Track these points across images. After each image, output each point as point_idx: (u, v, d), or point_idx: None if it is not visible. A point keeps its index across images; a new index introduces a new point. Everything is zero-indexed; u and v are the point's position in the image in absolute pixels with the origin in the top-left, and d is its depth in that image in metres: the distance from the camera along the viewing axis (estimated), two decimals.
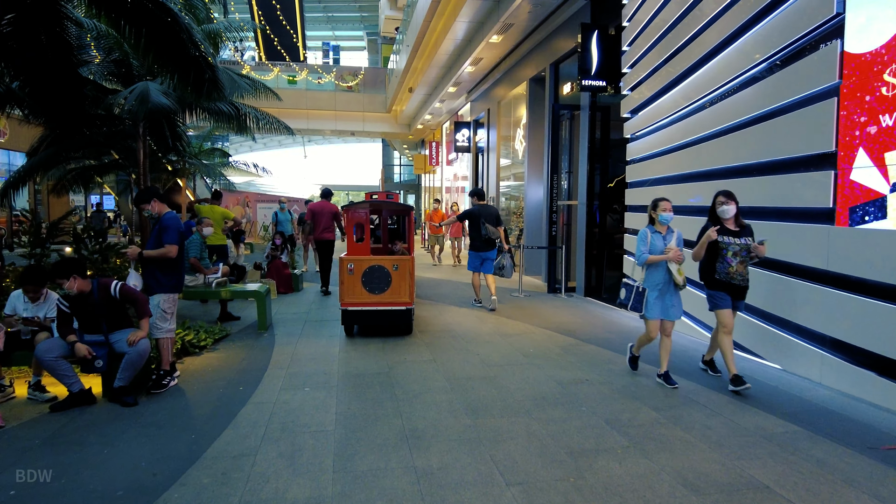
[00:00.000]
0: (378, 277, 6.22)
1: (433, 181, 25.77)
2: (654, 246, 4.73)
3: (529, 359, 5.50)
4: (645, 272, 4.79)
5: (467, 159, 18.29)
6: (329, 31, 43.89)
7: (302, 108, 24.71)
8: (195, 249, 6.88)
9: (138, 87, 7.75)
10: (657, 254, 4.70)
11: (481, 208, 7.95)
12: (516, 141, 13.92)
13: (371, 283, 6.22)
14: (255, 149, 63.77)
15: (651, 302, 4.72)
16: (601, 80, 8.62)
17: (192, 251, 6.87)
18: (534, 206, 12.28)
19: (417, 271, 12.44)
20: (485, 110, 16.05)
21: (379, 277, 6.22)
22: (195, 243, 6.91)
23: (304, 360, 5.43)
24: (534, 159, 12.25)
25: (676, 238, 4.78)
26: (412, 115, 23.16)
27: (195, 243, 6.91)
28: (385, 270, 6.23)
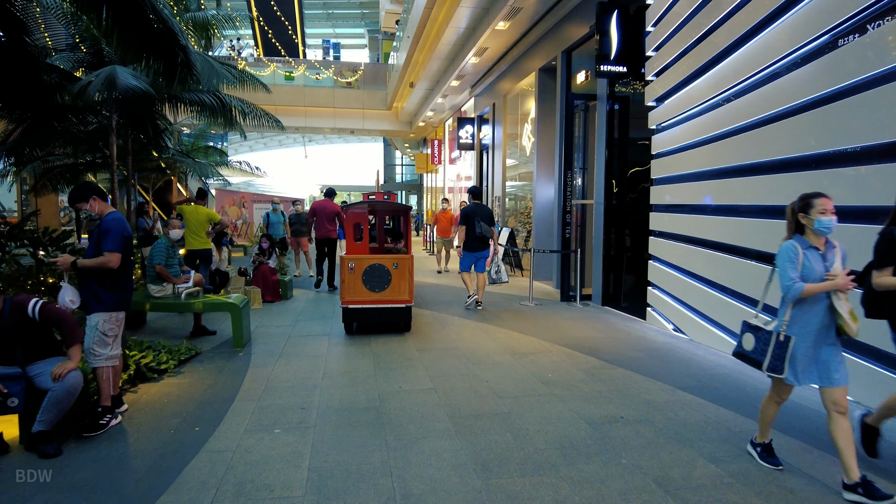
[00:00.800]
0: (378, 276, 6.31)
1: (435, 181, 24.90)
2: (808, 270, 3.03)
3: (549, 387, 4.62)
4: (792, 311, 3.12)
5: (471, 158, 17.42)
6: (329, 29, 43.07)
7: (299, 106, 23.87)
8: (160, 255, 6.02)
9: (105, 71, 6.90)
10: (815, 281, 3.00)
11: (477, 207, 7.99)
12: (523, 137, 13.04)
13: (371, 282, 6.30)
14: (256, 149, 63.08)
15: (799, 357, 3.05)
16: (621, 66, 7.74)
17: (156, 257, 6.01)
18: (543, 205, 11.39)
19: (420, 277, 11.57)
20: (489, 105, 15.18)
21: (379, 276, 6.31)
22: (160, 248, 6.05)
23: (280, 389, 4.56)
24: (543, 155, 11.37)
25: (842, 256, 3.08)
26: (413, 111, 22.30)
27: (160, 248, 6.05)
28: (385, 269, 6.32)
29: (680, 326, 6.64)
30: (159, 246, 6.07)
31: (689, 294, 6.46)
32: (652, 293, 7.22)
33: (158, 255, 6.02)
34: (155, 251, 6.05)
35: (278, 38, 28.94)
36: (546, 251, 9.68)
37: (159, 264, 6.00)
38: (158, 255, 6.02)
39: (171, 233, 6.20)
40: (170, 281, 6.09)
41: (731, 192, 5.77)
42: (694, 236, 6.38)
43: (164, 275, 6.02)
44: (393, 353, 5.67)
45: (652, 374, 4.99)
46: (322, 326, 6.93)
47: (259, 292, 8.30)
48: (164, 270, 6.01)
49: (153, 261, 6.01)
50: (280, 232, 12.35)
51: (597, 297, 8.68)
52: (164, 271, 6.00)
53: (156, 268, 5.99)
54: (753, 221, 5.47)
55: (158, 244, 6.09)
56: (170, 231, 6.21)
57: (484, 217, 7.94)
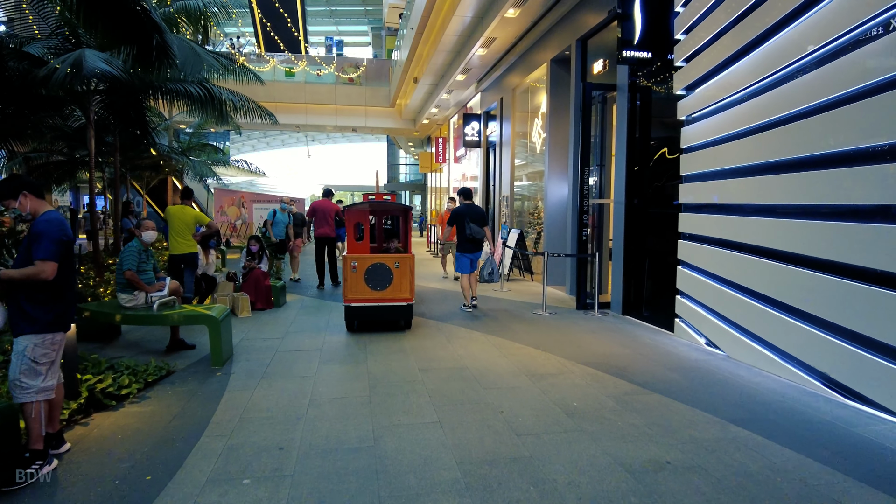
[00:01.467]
0: (380, 274, 6.40)
1: (440, 180, 24.19)
2: None
3: (575, 419, 3.90)
4: None
5: (477, 156, 16.71)
6: (332, 27, 42.45)
7: (300, 103, 23.21)
8: (131, 259, 5.34)
9: (73, 54, 6.22)
10: None
11: (467, 208, 7.92)
12: (533, 133, 12.32)
13: (373, 280, 6.39)
14: (259, 148, 62.62)
15: None
16: (645, 51, 7.01)
17: (126, 261, 5.33)
18: (556, 205, 10.67)
19: (423, 282, 10.88)
20: (497, 100, 14.46)
21: (381, 274, 6.40)
22: (131, 252, 5.37)
23: (257, 421, 3.87)
24: (556, 152, 10.64)
25: None
26: (417, 108, 21.60)
27: (131, 252, 5.37)
28: (387, 268, 6.41)
29: (714, 341, 5.92)
30: (130, 249, 5.39)
31: (724, 304, 5.74)
32: (681, 303, 6.49)
33: (129, 260, 5.34)
34: (125, 255, 5.36)
35: (280, 35, 28.30)
36: (561, 255, 8.96)
37: (129, 270, 5.32)
38: (129, 260, 5.34)
39: (143, 235, 5.53)
40: (142, 289, 5.40)
41: (774, 190, 5.05)
42: (731, 239, 5.65)
43: (136, 282, 5.33)
44: (392, 373, 4.97)
45: (693, 402, 4.27)
46: (314, 339, 6.23)
47: (248, 300, 7.61)
48: (134, 277, 5.32)
49: (123, 266, 5.33)
50: (282, 233, 11.46)
51: (616, 305, 7.95)
52: (134, 278, 5.32)
53: (126, 274, 5.31)
54: (802, 224, 4.75)
55: (129, 247, 5.40)
56: (142, 233, 5.53)
57: (474, 218, 7.85)
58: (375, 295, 6.42)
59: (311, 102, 23.20)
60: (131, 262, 5.32)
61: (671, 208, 6.91)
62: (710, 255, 5.97)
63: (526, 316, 7.66)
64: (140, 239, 5.50)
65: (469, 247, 7.92)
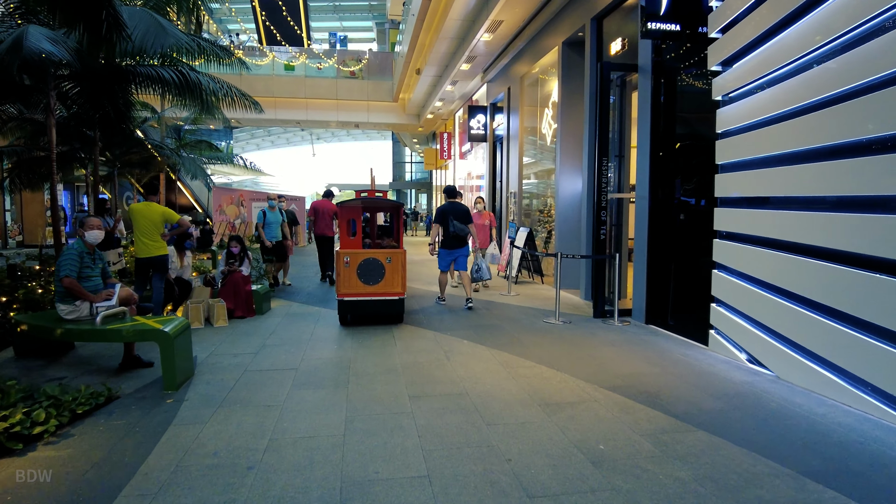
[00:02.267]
0: (373, 270, 6.50)
1: (445, 178, 23.33)
2: None
3: (604, 471, 3.04)
4: None
5: (483, 151, 15.83)
6: (336, 23, 41.68)
7: (300, 98, 22.42)
8: (69, 264, 4.53)
9: (14, 32, 5.41)
10: None
11: (451, 205, 8.06)
12: (543, 124, 11.43)
13: (366, 275, 6.50)
14: (263, 147, 62.05)
15: None
16: (673, 23, 6.12)
17: (64, 267, 4.52)
18: (568, 201, 9.78)
19: (425, 286, 10.05)
20: (503, 91, 13.58)
21: (373, 270, 6.50)
22: (70, 255, 4.56)
23: (196, 471, 3.03)
24: (569, 143, 9.76)
25: None
26: (421, 102, 20.75)
27: (70, 255, 4.56)
28: (379, 263, 6.51)
29: (759, 358, 5.03)
30: (69, 252, 4.58)
31: (771, 314, 4.85)
32: (717, 312, 5.61)
33: (67, 265, 4.53)
34: (63, 259, 4.56)
35: (281, 31, 27.54)
36: (576, 256, 8.08)
37: (68, 276, 4.51)
38: (67, 265, 4.53)
39: (86, 235, 4.71)
40: (84, 298, 4.59)
41: (833, 178, 4.16)
42: (779, 238, 4.76)
43: (75, 290, 4.53)
44: (376, 401, 4.12)
45: (748, 443, 3.39)
46: (292, 355, 5.40)
47: (224, 307, 6.79)
48: (74, 284, 4.51)
49: (59, 272, 4.52)
50: (276, 234, 10.03)
51: (638, 312, 7.07)
52: (74, 285, 4.51)
53: (63, 281, 4.50)
54: (867, 219, 3.87)
55: (68, 250, 4.60)
56: (85, 233, 4.72)
57: (458, 215, 7.96)
58: (368, 289, 6.52)
59: (311, 97, 22.42)
60: (70, 267, 4.51)
61: (703, 202, 6.03)
62: (754, 256, 5.08)
63: (537, 325, 6.80)
64: (83, 240, 4.69)
65: (453, 243, 8.06)
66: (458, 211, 7.99)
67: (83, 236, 4.69)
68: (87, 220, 4.74)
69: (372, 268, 6.51)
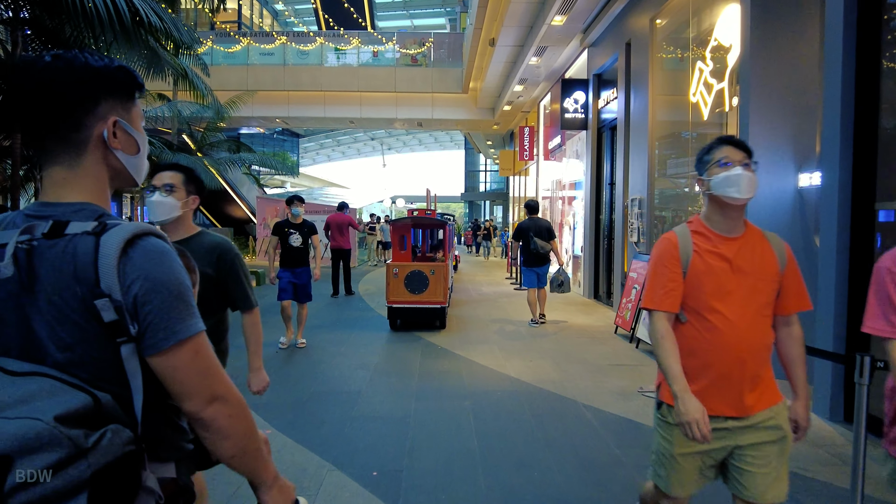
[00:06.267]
0: (418, 280, 7.03)
1: (524, 187, 19.02)
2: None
3: None
4: None
5: (581, 146, 11.40)
6: (406, 21, 38.55)
7: (353, 91, 18.87)
8: None
9: None
10: None
11: (532, 222, 7.82)
12: (694, 93, 6.90)
13: (412, 285, 7.04)
14: (334, 157, 60.28)
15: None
16: None
17: None
18: (773, 215, 5.23)
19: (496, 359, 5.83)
20: (615, 53, 9.19)
21: (419, 280, 7.03)
22: None
23: None
24: (768, 118, 5.23)
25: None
26: (496, 89, 16.54)
27: None
28: (424, 275, 7.05)
29: None
30: None
31: None
32: None
33: None
34: None
35: (340, 22, 24.37)
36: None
37: None
38: None
39: None
40: None
41: None
42: None
43: None
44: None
45: None
46: None
47: None
48: None
49: None
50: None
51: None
52: None
53: None
54: None
55: None
56: None
57: (539, 231, 7.69)
58: (414, 298, 7.06)
59: (366, 90, 18.82)
60: None
61: None
62: None
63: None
64: None
65: (535, 261, 7.70)
66: (540, 227, 7.79)
67: None
68: None
69: (418, 279, 7.03)
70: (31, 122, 1.03)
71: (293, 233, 6.24)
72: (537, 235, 7.60)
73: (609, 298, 9.61)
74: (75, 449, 0.85)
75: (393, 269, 7.05)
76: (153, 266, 0.99)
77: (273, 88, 18.38)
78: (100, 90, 1.03)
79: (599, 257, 10.33)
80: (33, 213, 1.02)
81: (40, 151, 1.05)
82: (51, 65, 0.99)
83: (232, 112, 14.24)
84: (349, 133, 49.14)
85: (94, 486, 0.87)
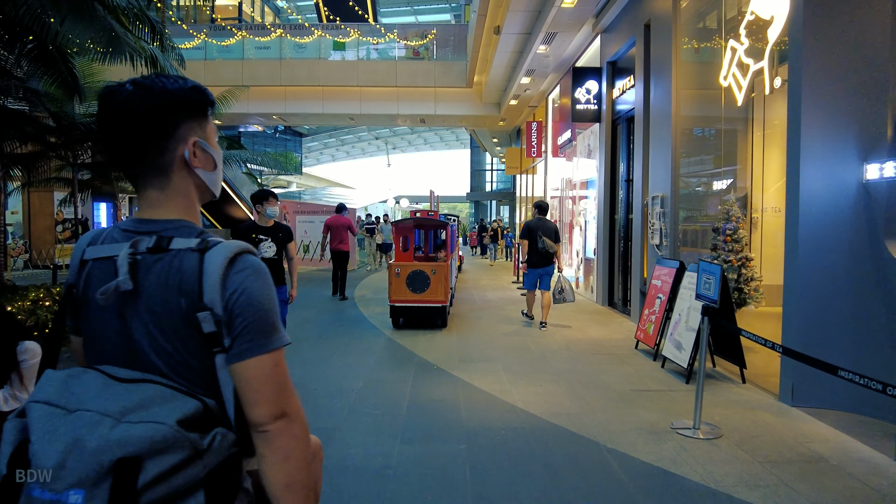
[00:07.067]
0: (420, 280, 7.17)
1: (532, 186, 18.17)
2: None
3: None
4: None
5: (594, 140, 10.55)
6: (411, 17, 37.76)
7: (353, 86, 18.05)
8: None
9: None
10: None
11: (539, 222, 7.69)
12: (725, 76, 6.02)
13: (413, 285, 7.17)
14: (338, 157, 59.65)
15: None
16: None
17: None
18: (830, 213, 4.37)
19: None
20: (631, 37, 8.35)
21: (420, 280, 7.17)
22: None
23: None
24: (824, 95, 4.38)
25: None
26: (502, 82, 15.68)
27: None
28: (425, 274, 7.18)
29: None
30: None
31: None
32: None
33: None
34: None
35: (341, 14, 23.60)
36: None
37: None
38: None
39: None
40: None
41: None
42: None
43: None
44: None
45: None
46: None
47: None
48: None
49: None
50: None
51: None
52: None
53: None
54: None
55: None
56: None
57: (547, 232, 7.58)
58: (415, 297, 7.20)
59: (366, 85, 18.00)
60: None
61: None
62: None
63: None
64: None
65: (540, 261, 7.59)
66: (547, 228, 7.66)
67: None
68: None
69: (419, 278, 7.16)
70: (118, 151, 1.10)
71: (264, 239, 4.88)
72: (545, 235, 7.52)
73: (625, 306, 8.75)
74: (194, 451, 0.95)
75: (395, 269, 7.23)
76: (250, 282, 1.06)
77: (269, 84, 17.61)
78: (179, 114, 1.09)
79: (614, 260, 9.47)
80: (132, 229, 1.11)
81: (130, 176, 1.12)
82: (133, 94, 1.05)
83: (224, 108, 13.47)
84: (353, 132, 48.46)
85: (207, 484, 0.96)
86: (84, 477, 0.87)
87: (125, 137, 1.06)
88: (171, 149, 1.09)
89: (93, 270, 1.08)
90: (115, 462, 0.88)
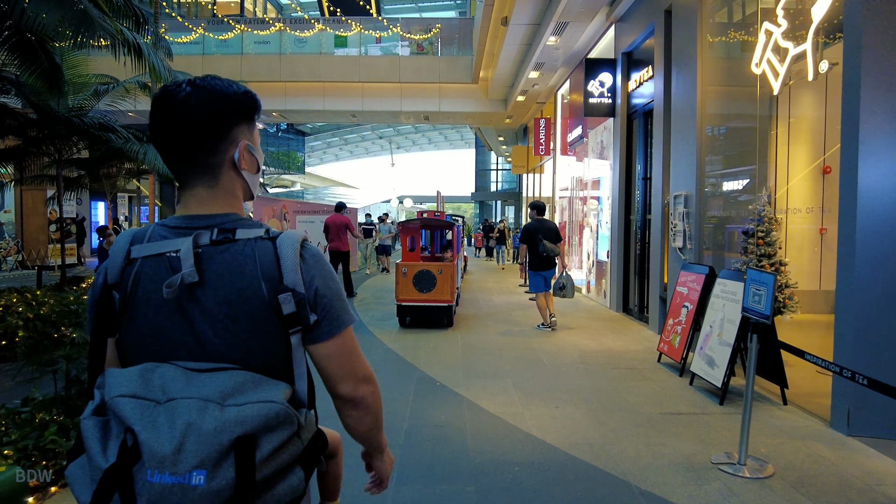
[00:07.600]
0: (426, 279, 7.23)
1: (539, 186, 17.58)
2: None
3: None
4: None
5: (607, 137, 9.97)
6: (415, 14, 37.23)
7: (355, 82, 17.52)
8: None
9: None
10: None
11: (539, 223, 7.57)
12: (758, 62, 5.45)
13: (420, 284, 7.24)
14: (342, 157, 59.16)
15: None
16: None
17: None
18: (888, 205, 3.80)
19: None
20: (649, 26, 7.79)
21: (427, 279, 7.23)
22: None
23: None
24: (888, 80, 3.81)
25: None
26: (509, 77, 15.10)
27: None
28: (431, 274, 7.24)
29: None
30: None
31: None
32: None
33: None
34: None
35: (344, 7, 23.08)
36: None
37: None
38: None
39: None
40: None
41: None
42: None
43: None
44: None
45: None
46: None
47: None
48: None
49: None
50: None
51: None
52: None
53: None
54: None
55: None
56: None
57: (547, 233, 7.47)
58: (422, 296, 7.26)
59: (368, 81, 17.47)
60: None
61: None
62: None
63: None
64: None
65: (543, 264, 7.48)
66: (548, 229, 7.55)
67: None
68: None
69: (426, 278, 7.21)
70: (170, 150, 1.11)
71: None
72: (545, 237, 7.40)
73: (643, 314, 8.17)
74: (298, 427, 1.01)
75: (402, 269, 7.30)
76: (322, 266, 1.14)
77: (268, 79, 17.09)
78: (232, 117, 1.13)
79: (630, 264, 8.89)
80: (184, 226, 1.12)
81: (180, 174, 1.14)
82: (192, 96, 1.07)
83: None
84: (356, 131, 47.96)
85: (303, 458, 1.03)
86: (206, 457, 0.89)
87: (180, 137, 1.08)
88: (222, 150, 1.12)
89: (143, 268, 1.08)
90: (235, 440, 0.91)
